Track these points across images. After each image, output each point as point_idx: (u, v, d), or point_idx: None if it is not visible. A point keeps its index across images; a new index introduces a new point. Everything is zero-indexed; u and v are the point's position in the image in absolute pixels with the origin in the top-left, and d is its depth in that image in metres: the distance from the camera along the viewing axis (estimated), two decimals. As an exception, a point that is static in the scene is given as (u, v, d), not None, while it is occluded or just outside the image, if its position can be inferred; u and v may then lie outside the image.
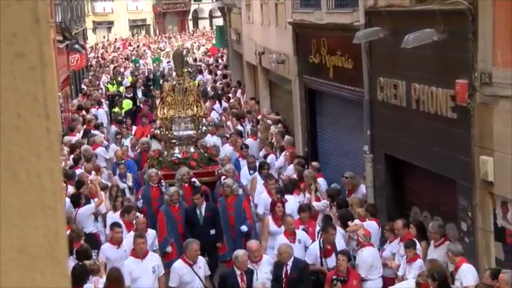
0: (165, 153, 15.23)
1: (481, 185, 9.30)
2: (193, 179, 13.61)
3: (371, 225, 11.13)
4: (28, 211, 1.18)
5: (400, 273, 9.93)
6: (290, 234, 11.08)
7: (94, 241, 11.86)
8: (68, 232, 10.72)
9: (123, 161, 15.80)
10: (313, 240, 11.18)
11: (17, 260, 1.17)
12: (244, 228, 12.32)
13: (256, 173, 14.51)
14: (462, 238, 9.79)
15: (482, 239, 9.41)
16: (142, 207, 13.33)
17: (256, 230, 12.68)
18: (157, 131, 15.92)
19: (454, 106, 9.84)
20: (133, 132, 20.77)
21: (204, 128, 15.60)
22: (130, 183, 15.10)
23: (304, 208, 11.88)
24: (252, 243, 10.66)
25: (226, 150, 16.63)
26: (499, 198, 9.09)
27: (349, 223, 11.10)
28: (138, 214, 12.02)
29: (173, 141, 15.10)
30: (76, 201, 12.62)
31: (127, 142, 18.87)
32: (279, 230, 11.49)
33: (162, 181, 13.63)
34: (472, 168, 9.44)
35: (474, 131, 9.40)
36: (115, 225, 11.25)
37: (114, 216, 12.31)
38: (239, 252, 10.18)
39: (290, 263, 10.16)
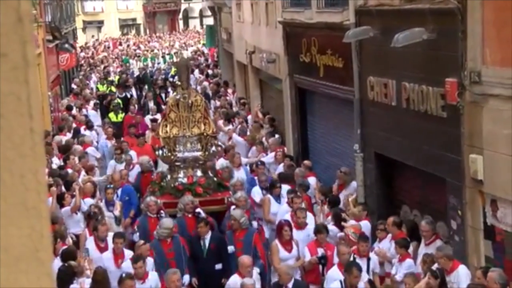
0: (168, 177, 13.23)
1: (471, 183, 9.32)
2: (198, 210, 11.89)
3: (366, 225, 11.17)
4: (12, 211, 1.18)
5: (392, 271, 9.94)
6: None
7: (78, 243, 11.80)
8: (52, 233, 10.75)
9: (111, 186, 13.62)
10: (331, 265, 10.13)
11: (0, 260, 1.16)
12: (256, 270, 10.29)
13: (268, 195, 12.90)
14: (452, 236, 9.82)
15: (472, 237, 9.43)
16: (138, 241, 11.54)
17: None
18: (159, 152, 13.66)
19: (444, 105, 9.87)
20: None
21: (213, 149, 13.52)
22: (117, 213, 12.92)
23: (321, 229, 10.69)
24: (244, 258, 9.91)
25: (221, 163, 14.96)
26: (489, 197, 9.12)
27: (345, 224, 11.06)
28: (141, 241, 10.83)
29: (177, 163, 13.10)
30: (61, 201, 12.59)
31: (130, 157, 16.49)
32: (289, 256, 10.64)
33: (162, 211, 11.95)
34: (461, 167, 9.46)
35: (463, 130, 9.42)
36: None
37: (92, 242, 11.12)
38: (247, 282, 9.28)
39: (290, 285, 9.57)
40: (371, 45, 12.08)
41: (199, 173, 13.02)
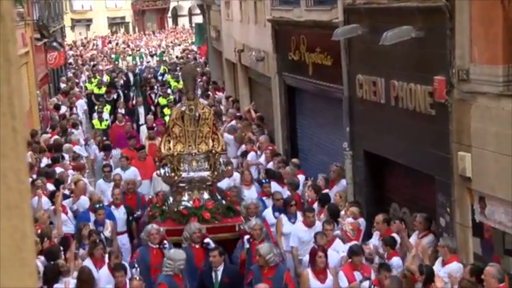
0: (171, 199, 11.65)
1: (459, 181, 9.35)
2: (207, 240, 10.47)
3: (363, 222, 11.22)
4: (-6, 211, 1.16)
5: None
6: None
7: (65, 243, 11.76)
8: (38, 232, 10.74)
9: (101, 205, 12.35)
10: None
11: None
12: None
13: (282, 215, 11.76)
14: (441, 233, 9.84)
15: (461, 234, 9.46)
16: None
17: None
18: (160, 172, 12.24)
19: (432, 103, 9.89)
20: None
21: (222, 168, 11.99)
22: (107, 233, 11.81)
23: (357, 251, 9.69)
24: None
25: (227, 182, 13.09)
26: (477, 194, 9.15)
27: (342, 221, 11.06)
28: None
29: (182, 185, 11.46)
30: (51, 199, 12.58)
31: (123, 176, 14.59)
32: (323, 287, 9.64)
33: (165, 241, 10.48)
34: (450, 164, 9.49)
35: (452, 127, 9.45)
36: None
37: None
38: None
39: None
40: (359, 43, 12.09)
41: (206, 195, 11.43)
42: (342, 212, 11.35)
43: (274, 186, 13.10)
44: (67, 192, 13.61)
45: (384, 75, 11.22)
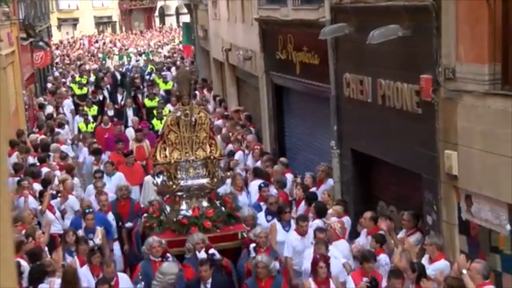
0: (168, 209, 11.28)
1: (446, 179, 9.40)
2: (212, 250, 9.98)
3: (348, 221, 11.25)
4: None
5: None
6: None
7: (53, 243, 11.71)
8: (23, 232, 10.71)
9: (91, 210, 11.92)
10: None
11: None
12: None
13: (275, 220, 11.51)
14: (428, 231, 9.89)
15: (447, 232, 9.52)
16: None
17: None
18: (156, 181, 11.79)
19: (419, 101, 9.94)
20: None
21: (221, 174, 11.47)
22: (98, 241, 11.40)
23: (368, 257, 9.40)
24: None
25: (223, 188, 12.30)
26: (463, 192, 9.20)
27: (327, 220, 11.06)
28: None
29: (179, 193, 11.08)
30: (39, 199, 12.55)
31: (109, 182, 14.16)
32: None
33: (168, 253, 10.05)
34: (437, 163, 9.54)
35: (438, 126, 9.50)
36: None
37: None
38: None
39: None
40: (347, 42, 12.12)
41: (205, 203, 11.08)
42: (330, 211, 11.36)
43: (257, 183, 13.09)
44: (53, 192, 13.56)
45: (371, 74, 11.25)
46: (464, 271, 8.08)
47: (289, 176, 13.79)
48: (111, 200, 12.94)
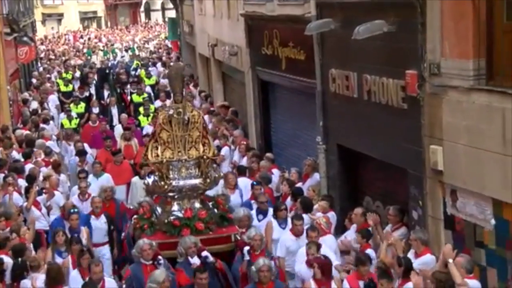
0: (159, 210, 10.95)
1: (431, 174, 9.46)
2: (205, 253, 9.66)
3: (333, 216, 11.29)
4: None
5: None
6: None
7: (38, 239, 11.67)
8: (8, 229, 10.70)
9: (76, 210, 11.64)
10: None
11: None
12: None
13: (271, 218, 11.28)
14: (413, 226, 9.95)
15: (433, 227, 9.58)
16: None
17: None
18: (147, 181, 11.30)
19: (404, 97, 9.99)
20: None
21: (214, 175, 10.98)
22: (84, 241, 11.05)
23: (364, 261, 9.14)
24: None
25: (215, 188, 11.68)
26: (449, 187, 9.26)
27: (312, 216, 11.08)
28: None
29: (171, 194, 10.69)
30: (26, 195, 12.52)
31: (95, 183, 13.78)
32: None
33: (160, 256, 9.69)
34: (422, 158, 9.59)
35: (424, 121, 9.55)
36: None
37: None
38: None
39: None
40: (332, 38, 12.15)
41: (197, 204, 10.69)
42: (316, 206, 11.40)
43: (245, 181, 13.10)
44: (38, 189, 13.50)
45: (357, 69, 11.29)
46: (450, 261, 8.14)
47: (275, 172, 13.82)
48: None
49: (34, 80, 30.85)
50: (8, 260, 9.76)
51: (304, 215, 11.06)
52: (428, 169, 9.48)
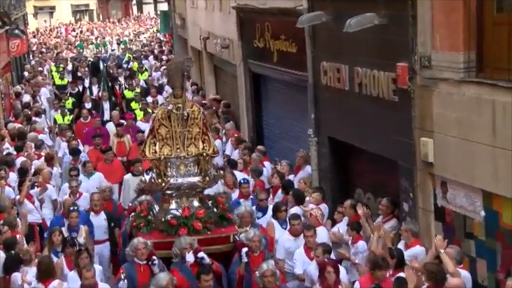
0: (156, 208, 10.61)
1: (422, 166, 9.51)
2: (201, 254, 9.40)
3: (325, 208, 11.34)
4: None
5: (351, 253, 10.08)
6: None
7: (31, 232, 11.67)
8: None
9: (76, 208, 11.40)
10: None
11: None
12: None
13: (272, 219, 11.02)
14: (404, 218, 10.01)
15: (423, 219, 9.64)
16: None
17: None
18: (145, 178, 10.98)
19: (395, 89, 10.03)
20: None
21: (214, 172, 10.66)
22: (82, 240, 10.86)
23: (380, 264, 8.60)
24: None
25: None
26: (439, 179, 9.32)
27: (305, 208, 11.12)
28: None
29: (169, 192, 10.34)
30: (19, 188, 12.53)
31: (87, 182, 13.62)
32: None
33: (154, 256, 9.37)
34: (413, 150, 9.64)
35: (414, 114, 9.59)
36: None
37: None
38: None
39: None
40: (324, 31, 12.18)
41: (196, 203, 10.33)
42: (308, 198, 11.45)
43: (237, 175, 13.11)
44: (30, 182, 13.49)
45: (348, 62, 11.33)
46: (442, 251, 8.24)
47: (267, 164, 13.86)
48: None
49: (26, 73, 30.80)
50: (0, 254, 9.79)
51: (296, 207, 11.12)
52: (419, 161, 9.54)
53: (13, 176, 13.60)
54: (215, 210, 10.43)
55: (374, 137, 10.76)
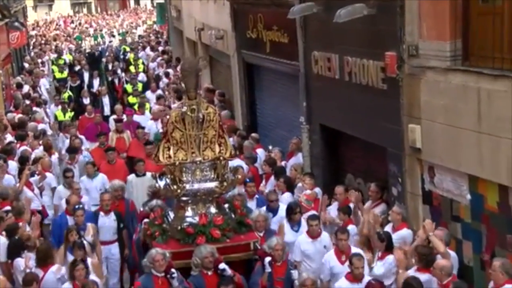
0: (171, 216, 9.95)
1: (410, 152, 9.67)
2: (222, 265, 8.79)
3: (320, 191, 11.46)
4: None
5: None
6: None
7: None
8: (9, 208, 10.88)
9: (81, 206, 11.03)
10: None
11: None
12: None
13: (284, 221, 10.40)
14: (393, 202, 10.19)
15: (411, 203, 9.82)
16: None
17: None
18: (159, 184, 10.18)
19: (384, 78, 10.16)
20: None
21: (231, 177, 9.90)
22: (90, 238, 10.36)
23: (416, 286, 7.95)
24: None
25: None
26: (426, 164, 9.48)
27: (299, 194, 11.30)
28: None
29: (185, 198, 9.68)
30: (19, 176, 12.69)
31: (90, 184, 13.21)
32: None
33: (173, 269, 8.70)
34: (401, 136, 9.79)
35: (403, 101, 9.72)
36: None
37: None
38: None
39: None
40: (315, 21, 12.31)
41: (213, 209, 9.69)
42: (299, 185, 11.66)
43: (237, 162, 13.28)
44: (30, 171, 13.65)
45: (338, 51, 11.48)
46: (431, 233, 8.45)
47: (260, 151, 14.06)
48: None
49: (26, 65, 30.95)
50: (1, 239, 9.96)
51: (288, 193, 11.33)
52: (407, 147, 9.68)
53: (13, 165, 13.76)
54: (232, 215, 9.85)
55: (363, 124, 10.92)
